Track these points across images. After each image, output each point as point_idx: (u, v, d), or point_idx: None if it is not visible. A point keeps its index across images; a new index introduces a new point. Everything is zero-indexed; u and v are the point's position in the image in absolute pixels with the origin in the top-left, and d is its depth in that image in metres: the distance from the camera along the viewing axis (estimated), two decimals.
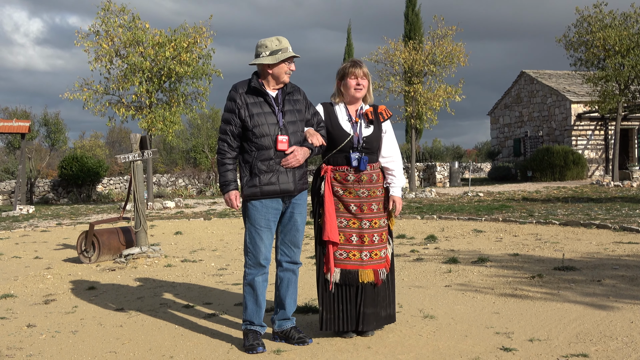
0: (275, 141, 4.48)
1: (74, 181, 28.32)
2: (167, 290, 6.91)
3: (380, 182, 4.80)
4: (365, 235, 4.69)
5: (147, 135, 19.33)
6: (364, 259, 4.68)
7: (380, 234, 4.74)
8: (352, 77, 4.76)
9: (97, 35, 19.55)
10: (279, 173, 4.51)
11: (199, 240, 11.34)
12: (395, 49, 22.77)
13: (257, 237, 4.57)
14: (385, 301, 4.76)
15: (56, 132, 37.56)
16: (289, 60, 4.56)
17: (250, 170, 4.52)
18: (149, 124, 19.72)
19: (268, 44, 4.52)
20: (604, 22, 24.33)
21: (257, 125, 4.48)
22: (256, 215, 4.56)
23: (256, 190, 4.49)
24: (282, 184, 4.51)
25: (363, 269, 4.66)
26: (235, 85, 4.63)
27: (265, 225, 4.57)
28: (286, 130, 4.53)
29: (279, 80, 4.58)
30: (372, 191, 4.74)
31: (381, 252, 4.73)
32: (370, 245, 4.70)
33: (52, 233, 13.36)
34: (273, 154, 4.49)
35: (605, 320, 4.96)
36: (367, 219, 4.71)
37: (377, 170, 4.80)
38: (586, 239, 9.46)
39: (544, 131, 32.75)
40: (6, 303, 6.45)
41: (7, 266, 8.99)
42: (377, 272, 4.69)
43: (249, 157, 4.54)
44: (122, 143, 57.82)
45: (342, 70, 4.82)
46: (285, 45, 4.53)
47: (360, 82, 4.77)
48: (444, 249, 9.16)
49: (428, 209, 15.34)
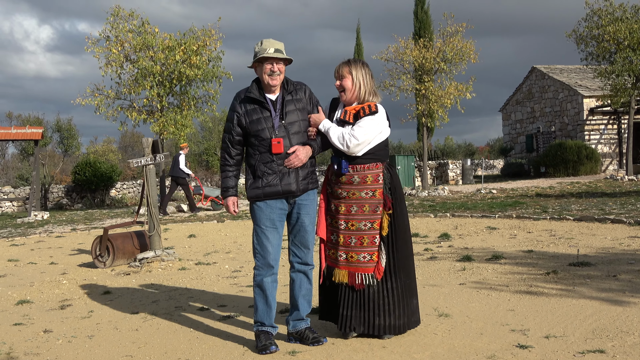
0: (270, 144, 4.53)
1: (88, 186, 28.45)
2: (181, 293, 6.93)
3: (367, 185, 4.62)
4: (340, 235, 4.66)
5: (159, 139, 19.40)
6: (339, 259, 4.66)
7: (359, 237, 4.61)
8: (335, 77, 4.75)
9: (108, 40, 19.65)
10: (281, 174, 4.55)
11: (213, 243, 11.36)
12: (406, 47, 22.72)
13: (264, 237, 4.61)
14: (382, 309, 4.57)
15: (69, 138, 37.82)
16: (268, 61, 4.54)
17: (254, 173, 4.62)
18: (161, 127, 19.78)
19: (256, 47, 4.60)
20: (614, 15, 24.14)
21: (256, 130, 4.57)
22: (261, 215, 4.62)
23: (259, 192, 4.59)
24: (285, 185, 4.56)
25: (338, 269, 4.67)
26: (237, 93, 4.74)
27: (270, 225, 4.61)
28: (286, 131, 4.56)
29: (264, 81, 4.60)
30: (352, 192, 4.63)
31: (359, 255, 4.60)
32: (345, 246, 4.64)
33: (67, 238, 13.44)
34: (270, 157, 4.55)
35: (621, 315, 4.93)
36: (342, 220, 4.65)
37: (362, 173, 4.62)
38: (601, 234, 9.40)
39: (556, 126, 32.56)
40: (23, 309, 6.49)
41: (23, 272, 9.06)
42: (354, 275, 4.60)
43: (253, 161, 4.64)
44: (134, 147, 58.10)
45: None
46: (264, 47, 4.54)
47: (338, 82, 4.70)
48: (457, 247, 9.13)
49: (441, 207, 15.29)
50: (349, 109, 4.68)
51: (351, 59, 4.79)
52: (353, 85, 4.67)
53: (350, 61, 4.74)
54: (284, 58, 4.59)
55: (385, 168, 4.71)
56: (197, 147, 47.75)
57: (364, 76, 4.69)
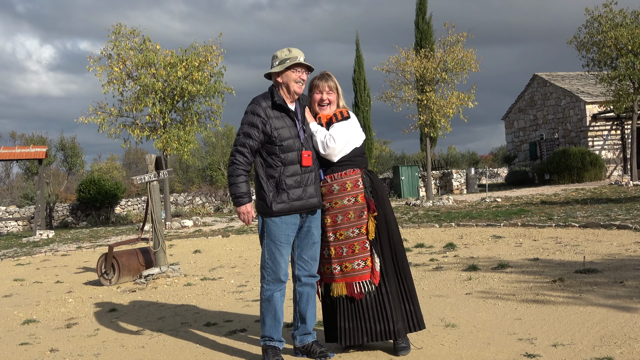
0: (301, 156, 4.46)
1: (92, 204, 28.52)
2: (187, 309, 6.92)
3: (348, 191, 4.57)
4: (330, 248, 4.60)
5: (163, 155, 19.45)
6: (334, 273, 4.59)
7: (350, 245, 4.55)
8: (316, 93, 4.71)
9: (109, 58, 19.75)
10: (305, 187, 4.47)
11: (218, 258, 11.35)
12: (407, 57, 22.80)
13: (277, 253, 4.50)
14: (381, 314, 4.53)
15: (73, 156, 37.99)
16: (298, 68, 4.51)
17: (277, 186, 4.44)
18: (164, 144, 19.85)
19: (279, 54, 4.53)
20: (614, 21, 24.19)
21: (284, 139, 4.43)
22: (277, 231, 4.49)
23: (286, 206, 4.42)
24: (309, 199, 4.47)
25: (335, 283, 4.59)
26: (256, 99, 4.55)
27: (285, 241, 4.51)
28: (309, 145, 4.53)
29: (290, 89, 4.53)
30: (334, 202, 4.58)
31: (353, 263, 4.54)
32: (338, 257, 4.58)
33: (73, 257, 13.44)
34: (300, 169, 4.47)
35: (629, 321, 4.90)
36: (330, 232, 4.60)
37: (341, 180, 4.58)
38: (607, 240, 9.36)
39: (559, 133, 32.54)
40: (29, 328, 6.49)
41: (29, 291, 9.06)
42: (352, 285, 4.53)
43: (275, 172, 4.45)
44: (138, 164, 58.19)
45: (309, 84, 4.74)
46: (295, 55, 4.50)
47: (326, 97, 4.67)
48: (463, 257, 9.11)
49: (446, 217, 15.27)
50: (322, 115, 4.68)
51: (325, 72, 4.76)
52: (337, 98, 4.72)
53: (328, 75, 4.72)
54: (309, 67, 4.58)
55: (365, 173, 4.67)
56: (200, 163, 47.80)
57: (339, 87, 4.74)
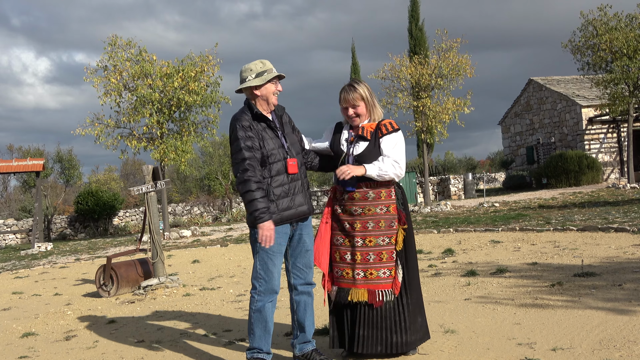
0: (286, 164, 4.47)
1: (90, 215, 28.49)
2: (186, 319, 6.91)
3: (382, 200, 4.58)
4: (357, 253, 4.57)
5: (160, 165, 19.44)
6: (356, 278, 4.55)
7: (378, 252, 4.54)
8: (343, 106, 4.70)
9: (106, 70, 19.77)
10: (293, 196, 4.48)
11: (217, 268, 11.34)
12: (401, 64, 22.85)
13: (270, 263, 4.47)
14: (399, 325, 4.52)
15: (70, 168, 37.98)
16: (275, 80, 4.55)
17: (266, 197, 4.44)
18: (162, 154, 19.84)
19: (252, 67, 4.50)
20: (609, 24, 24.27)
21: (270, 150, 4.43)
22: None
23: (276, 216, 4.40)
24: (299, 207, 4.48)
25: (355, 288, 4.55)
26: (238, 116, 4.49)
27: (277, 251, 4.49)
28: (292, 153, 4.54)
29: (268, 101, 4.53)
30: (368, 208, 4.57)
31: (379, 271, 4.53)
32: (363, 263, 4.55)
33: (71, 269, 13.42)
34: (286, 178, 4.47)
35: (628, 324, 4.90)
36: (359, 237, 4.57)
37: (376, 189, 4.58)
38: (605, 244, 9.37)
39: (556, 137, 32.60)
40: (28, 341, 6.47)
41: (27, 304, 9.04)
42: (374, 292, 4.50)
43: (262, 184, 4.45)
44: (136, 175, 58.13)
45: (339, 97, 4.72)
46: (270, 67, 4.52)
47: (352, 111, 4.65)
48: (462, 262, 9.11)
49: (444, 223, 15.27)
50: (365, 126, 4.66)
51: (353, 81, 4.73)
52: (367, 109, 4.67)
53: (356, 86, 4.66)
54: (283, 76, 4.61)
55: (396, 184, 4.70)
56: (198, 173, 47.76)
57: (370, 95, 4.69)
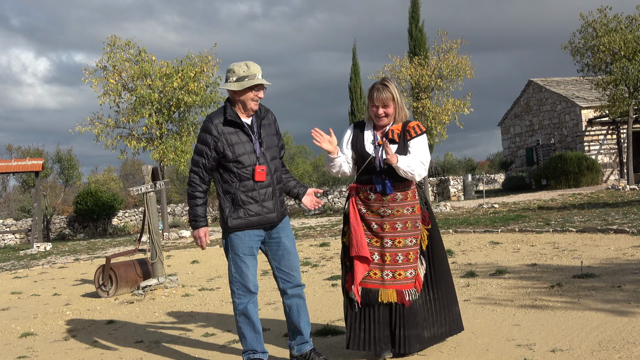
0: (254, 171, 4.40)
1: (90, 216, 28.48)
2: (185, 320, 6.90)
3: (408, 201, 4.58)
4: (386, 254, 4.53)
5: (159, 166, 19.45)
6: (385, 279, 4.52)
7: (406, 253, 4.53)
8: (372, 105, 4.59)
9: (105, 70, 19.77)
10: (262, 203, 4.43)
11: (216, 268, 11.33)
12: (401, 65, 22.87)
13: (243, 265, 4.45)
14: (427, 321, 4.55)
15: (69, 168, 37.93)
16: (258, 87, 4.42)
17: (233, 201, 4.41)
18: (161, 154, 19.85)
19: (236, 69, 4.39)
20: (609, 26, 24.30)
21: (239, 155, 4.37)
22: (240, 244, 4.45)
23: (241, 222, 4.40)
24: (266, 214, 4.44)
25: (384, 289, 4.51)
26: (209, 116, 4.51)
27: (249, 253, 4.47)
28: (265, 159, 4.46)
29: (247, 106, 4.44)
30: (396, 209, 4.54)
31: (407, 272, 4.52)
32: (392, 264, 4.53)
33: (70, 269, 13.41)
34: (254, 185, 4.41)
35: (627, 326, 4.90)
36: (388, 237, 4.54)
37: (404, 190, 4.57)
38: (604, 245, 9.36)
39: (555, 139, 32.62)
40: (26, 341, 6.46)
41: (26, 304, 9.03)
42: (402, 292, 4.49)
43: (230, 188, 4.43)
44: (135, 175, 58.11)
45: (367, 93, 4.62)
46: (253, 72, 4.38)
47: (383, 111, 4.55)
48: (461, 263, 9.11)
49: (443, 224, 15.27)
50: (394, 128, 4.61)
51: (386, 80, 4.62)
52: (395, 111, 4.61)
53: (388, 85, 4.57)
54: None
55: (417, 185, 4.70)
56: None
57: (400, 96, 4.62)
